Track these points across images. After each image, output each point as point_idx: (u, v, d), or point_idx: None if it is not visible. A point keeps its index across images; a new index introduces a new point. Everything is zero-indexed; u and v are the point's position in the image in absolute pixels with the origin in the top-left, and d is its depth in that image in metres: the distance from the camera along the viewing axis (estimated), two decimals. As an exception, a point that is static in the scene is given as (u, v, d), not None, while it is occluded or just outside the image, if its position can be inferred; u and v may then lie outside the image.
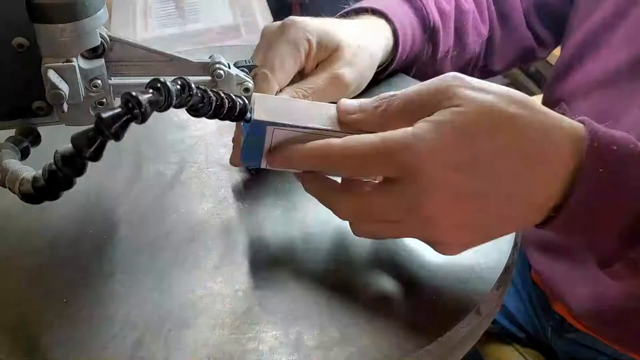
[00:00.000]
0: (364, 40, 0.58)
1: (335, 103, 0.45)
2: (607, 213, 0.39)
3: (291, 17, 0.55)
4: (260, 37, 0.57)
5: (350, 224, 0.43)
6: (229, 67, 0.49)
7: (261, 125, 0.43)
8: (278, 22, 0.56)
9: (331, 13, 0.65)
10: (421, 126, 0.38)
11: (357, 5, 0.64)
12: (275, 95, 0.52)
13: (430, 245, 0.42)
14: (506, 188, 0.38)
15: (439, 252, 0.42)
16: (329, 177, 0.44)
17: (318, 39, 0.54)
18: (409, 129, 0.38)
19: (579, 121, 0.39)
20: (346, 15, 0.64)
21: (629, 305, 0.62)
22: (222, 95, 0.41)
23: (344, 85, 0.55)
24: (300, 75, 0.55)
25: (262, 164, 0.45)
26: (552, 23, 0.76)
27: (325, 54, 0.55)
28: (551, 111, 0.40)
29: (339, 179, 0.44)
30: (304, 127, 0.43)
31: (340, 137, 0.42)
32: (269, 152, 0.44)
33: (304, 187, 0.45)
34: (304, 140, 0.43)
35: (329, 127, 0.43)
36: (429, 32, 0.67)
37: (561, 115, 0.40)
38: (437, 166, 0.37)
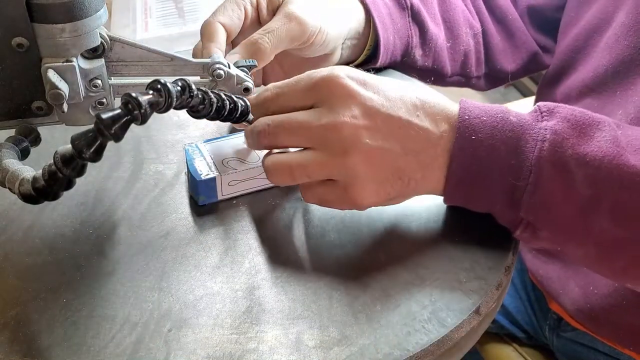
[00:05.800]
0: None
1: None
2: (487, 174, 0.43)
3: None
4: None
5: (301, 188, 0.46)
6: (229, 67, 0.49)
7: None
8: None
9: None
10: None
11: None
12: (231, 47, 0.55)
13: (348, 194, 0.44)
14: (402, 119, 0.43)
15: (352, 200, 0.44)
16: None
17: None
18: None
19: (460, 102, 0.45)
20: None
21: (619, 302, 0.62)
22: (223, 96, 0.41)
23: (300, 22, 0.54)
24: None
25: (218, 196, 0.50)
26: (548, 29, 0.76)
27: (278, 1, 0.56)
28: None
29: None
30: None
31: None
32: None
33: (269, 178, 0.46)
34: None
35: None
36: (409, 12, 0.66)
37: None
38: (348, 80, 0.43)
